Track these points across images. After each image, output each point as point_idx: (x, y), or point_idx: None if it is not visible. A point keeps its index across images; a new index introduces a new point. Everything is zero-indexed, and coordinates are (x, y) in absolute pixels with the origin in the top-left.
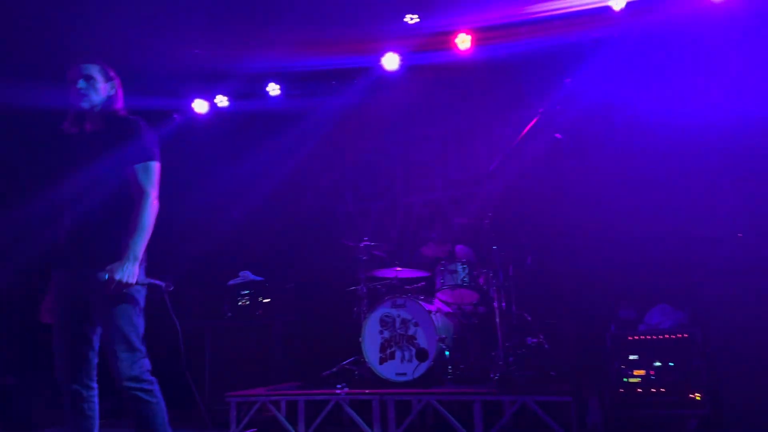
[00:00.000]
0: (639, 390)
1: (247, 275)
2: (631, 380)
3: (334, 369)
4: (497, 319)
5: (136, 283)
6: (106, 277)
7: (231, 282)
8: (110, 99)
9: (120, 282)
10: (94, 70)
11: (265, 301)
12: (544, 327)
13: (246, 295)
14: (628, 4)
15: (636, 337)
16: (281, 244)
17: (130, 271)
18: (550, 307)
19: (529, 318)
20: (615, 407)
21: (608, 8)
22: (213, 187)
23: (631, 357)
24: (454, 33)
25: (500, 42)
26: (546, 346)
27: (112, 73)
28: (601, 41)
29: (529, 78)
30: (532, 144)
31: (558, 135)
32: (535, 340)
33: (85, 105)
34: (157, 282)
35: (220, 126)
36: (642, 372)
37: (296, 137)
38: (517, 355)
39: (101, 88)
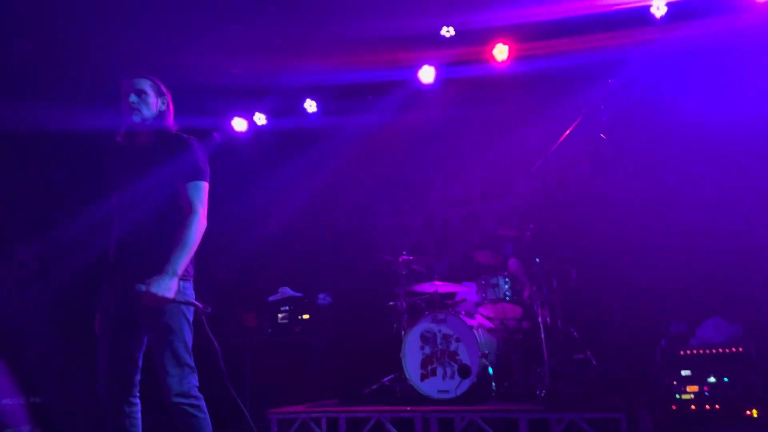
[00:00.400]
0: (692, 407)
1: (286, 291)
2: (684, 397)
3: (375, 386)
4: (542, 335)
5: (174, 300)
6: (144, 288)
7: (270, 298)
8: (161, 114)
9: (156, 295)
10: (146, 85)
11: (304, 317)
12: (590, 342)
13: (285, 311)
14: (668, 4)
15: (688, 352)
16: (320, 260)
17: (167, 286)
18: (597, 322)
19: (575, 333)
20: (667, 425)
21: (648, 10)
22: (252, 203)
23: (684, 373)
24: (490, 44)
25: (538, 50)
26: (593, 362)
27: (163, 89)
28: (643, 43)
29: (568, 86)
30: (575, 149)
31: (602, 135)
32: (581, 355)
33: (136, 119)
34: (197, 304)
35: (258, 142)
36: (695, 388)
37: (333, 152)
38: (564, 371)
39: (152, 103)
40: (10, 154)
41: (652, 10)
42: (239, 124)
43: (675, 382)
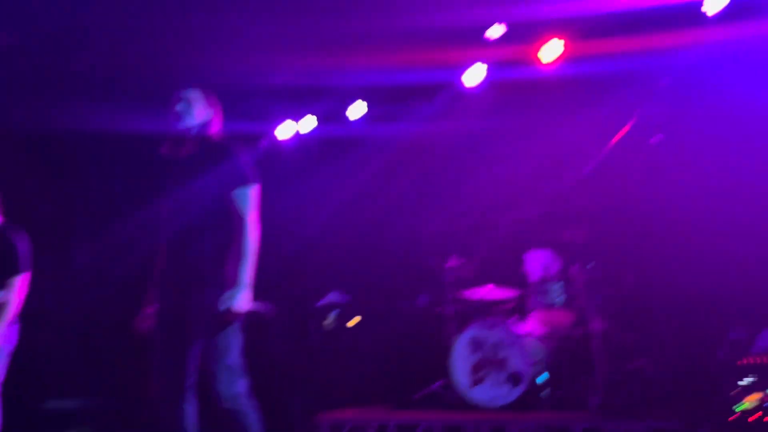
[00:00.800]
0: (752, 418)
1: (334, 296)
2: (743, 407)
3: (424, 392)
4: (595, 342)
5: (249, 311)
6: (223, 307)
7: (319, 303)
8: (206, 124)
9: (236, 312)
10: (193, 95)
11: (352, 321)
12: (645, 350)
13: (334, 315)
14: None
15: (748, 361)
16: (368, 265)
17: (244, 298)
18: (653, 329)
19: (630, 341)
20: None
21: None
22: (299, 207)
23: (743, 382)
24: (540, 44)
25: (589, 50)
26: (649, 370)
27: (211, 99)
28: (698, 42)
29: (620, 86)
30: (629, 151)
31: (656, 138)
32: (636, 364)
33: (180, 127)
34: (261, 308)
35: (305, 146)
36: (755, 398)
37: (380, 155)
38: (618, 379)
39: (198, 113)
40: (69, 160)
41: (704, 8)
42: (286, 128)
43: (734, 392)
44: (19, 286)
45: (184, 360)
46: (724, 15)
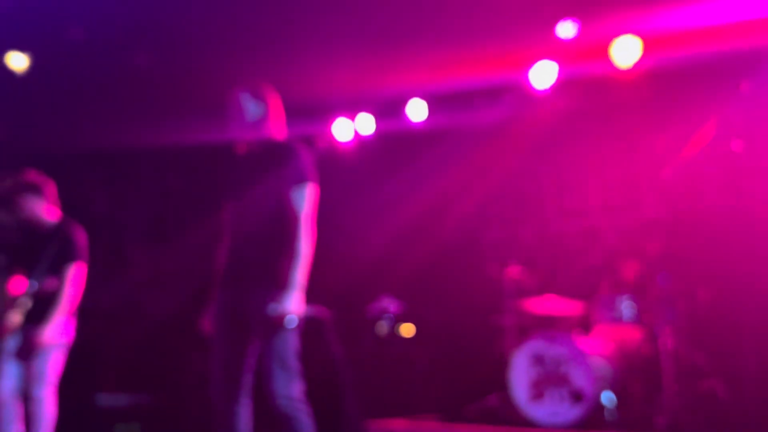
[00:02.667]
0: None
1: (387, 301)
2: None
3: (477, 404)
4: (664, 360)
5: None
6: (276, 309)
7: (372, 307)
8: (261, 122)
9: (288, 313)
10: (242, 98)
11: (406, 330)
12: (718, 371)
13: (387, 321)
14: None
15: None
16: (423, 271)
17: (296, 300)
18: (728, 348)
19: (702, 360)
20: None
21: None
22: (354, 211)
23: None
24: (611, 44)
25: (663, 51)
26: (721, 392)
27: (263, 97)
28: None
29: (699, 89)
30: (707, 158)
31: (737, 143)
32: (707, 385)
33: (233, 131)
34: (318, 313)
35: (362, 149)
36: None
37: (439, 160)
38: (687, 401)
39: (249, 114)
40: (128, 163)
41: None
42: (343, 130)
43: None
44: (74, 274)
45: (241, 360)
46: None
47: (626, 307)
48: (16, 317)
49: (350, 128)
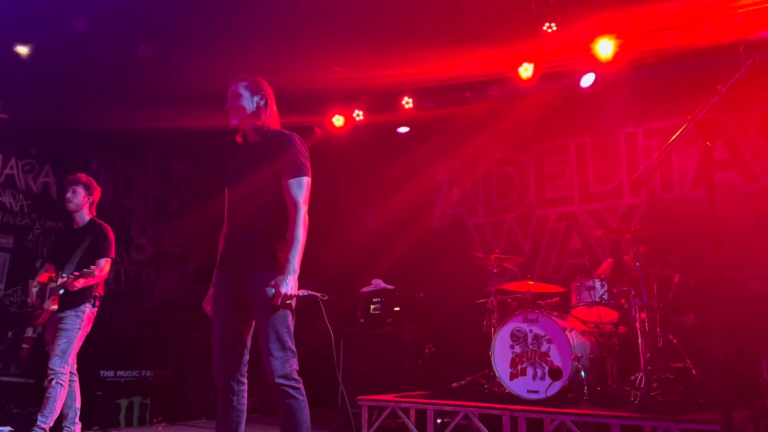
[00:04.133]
0: None
1: (378, 283)
2: None
3: (464, 381)
4: (639, 340)
5: (299, 295)
6: (272, 291)
7: (363, 289)
8: (258, 112)
9: (285, 295)
10: (241, 87)
11: (395, 309)
12: (691, 351)
13: (378, 302)
14: None
15: None
16: (412, 254)
17: (293, 284)
18: (700, 330)
19: (675, 340)
20: None
21: None
22: (348, 197)
23: None
24: (594, 40)
25: (643, 48)
26: (693, 371)
27: (261, 86)
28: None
29: (677, 85)
30: (682, 152)
31: (709, 143)
32: (680, 364)
33: (234, 121)
34: (315, 293)
35: (356, 139)
36: None
37: (428, 149)
38: (661, 379)
39: (248, 104)
40: (132, 149)
41: None
42: (338, 121)
43: None
44: (104, 266)
45: (240, 340)
46: None
47: (602, 290)
48: (52, 305)
49: (345, 117)
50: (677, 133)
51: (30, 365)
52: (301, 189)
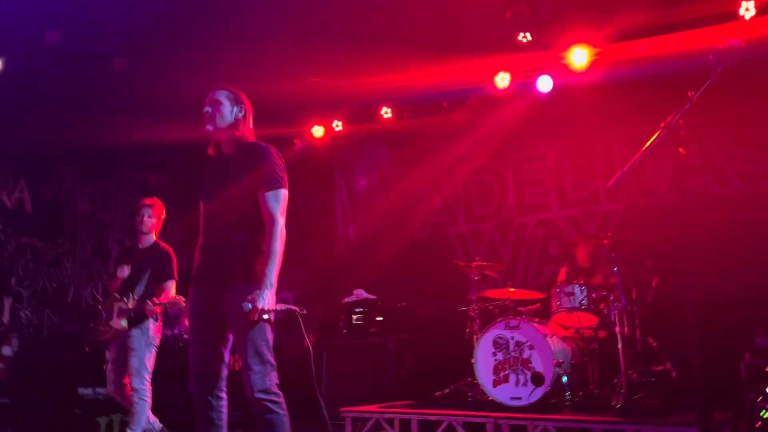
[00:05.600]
0: None
1: (361, 293)
2: None
3: (448, 390)
4: (619, 345)
5: (276, 310)
6: (249, 306)
7: (346, 300)
8: (236, 123)
9: (262, 310)
10: (221, 96)
11: (378, 319)
12: (671, 354)
13: (360, 313)
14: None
15: None
16: (394, 264)
17: (270, 298)
18: (678, 333)
19: (655, 344)
20: None
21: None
22: (329, 208)
23: None
24: (568, 49)
25: (618, 58)
26: (673, 374)
27: (241, 98)
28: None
29: (650, 93)
30: (658, 157)
31: (682, 150)
32: (660, 367)
33: (209, 128)
34: (293, 307)
35: (336, 149)
36: None
37: (408, 158)
38: (641, 383)
39: (227, 113)
40: (108, 162)
41: (741, 11)
42: (317, 131)
43: (759, 398)
44: (171, 288)
45: (217, 354)
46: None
47: (582, 295)
48: (121, 323)
49: (324, 128)
50: (650, 140)
51: (5, 385)
52: (278, 201)
